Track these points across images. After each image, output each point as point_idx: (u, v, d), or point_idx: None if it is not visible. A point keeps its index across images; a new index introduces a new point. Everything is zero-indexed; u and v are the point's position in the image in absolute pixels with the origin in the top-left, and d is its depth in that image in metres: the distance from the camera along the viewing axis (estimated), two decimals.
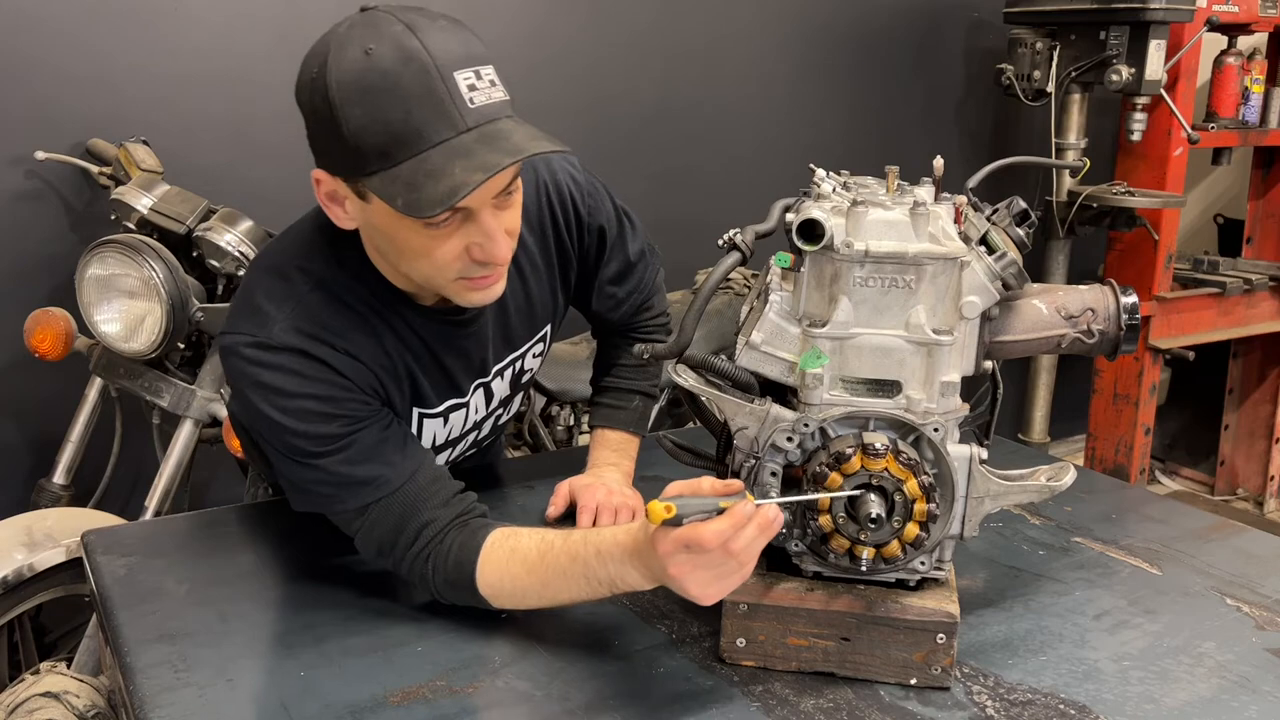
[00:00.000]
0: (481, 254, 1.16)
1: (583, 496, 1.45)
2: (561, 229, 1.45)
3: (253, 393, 1.21)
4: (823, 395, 1.08)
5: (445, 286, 1.21)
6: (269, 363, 1.20)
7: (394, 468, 1.23)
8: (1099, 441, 3.58)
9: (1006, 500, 1.13)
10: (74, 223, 2.35)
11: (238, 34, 2.45)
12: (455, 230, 1.15)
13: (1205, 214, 4.19)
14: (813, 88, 3.32)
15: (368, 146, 1.09)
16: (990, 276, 1.07)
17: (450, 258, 1.17)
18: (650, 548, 1.04)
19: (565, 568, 1.14)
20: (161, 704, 1.05)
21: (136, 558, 1.37)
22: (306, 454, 1.22)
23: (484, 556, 1.19)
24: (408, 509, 1.22)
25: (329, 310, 1.24)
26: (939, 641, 1.10)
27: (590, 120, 2.87)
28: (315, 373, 1.21)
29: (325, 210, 1.22)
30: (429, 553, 1.21)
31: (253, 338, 1.21)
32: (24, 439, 2.38)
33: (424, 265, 1.19)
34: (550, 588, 1.16)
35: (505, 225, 1.19)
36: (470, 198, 1.10)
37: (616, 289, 1.57)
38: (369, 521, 1.23)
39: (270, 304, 1.23)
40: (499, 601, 1.20)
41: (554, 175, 1.43)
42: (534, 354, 1.51)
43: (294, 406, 1.20)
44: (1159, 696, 1.10)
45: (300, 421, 1.20)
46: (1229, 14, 3.23)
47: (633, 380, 1.63)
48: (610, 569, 1.10)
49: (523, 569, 1.17)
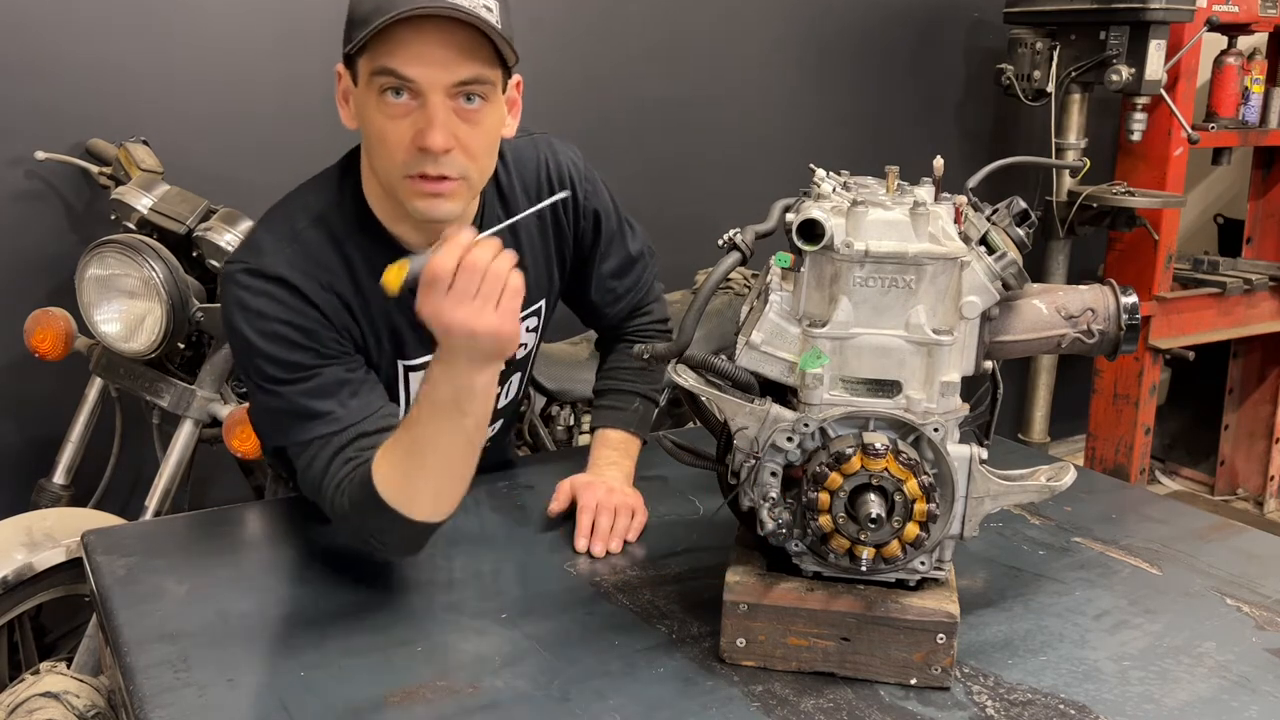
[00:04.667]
0: (421, 139, 1.22)
1: (583, 495, 1.46)
2: (558, 206, 1.51)
3: (237, 314, 1.29)
4: (823, 395, 1.08)
5: (398, 187, 1.27)
6: (256, 288, 1.28)
7: (346, 408, 1.29)
8: (1099, 441, 3.58)
9: (1006, 500, 1.13)
10: (74, 223, 2.35)
11: (238, 34, 2.45)
12: (406, 114, 1.23)
13: (1205, 214, 4.19)
14: (813, 88, 3.32)
15: (357, 16, 1.23)
16: (990, 276, 1.07)
17: (398, 142, 1.23)
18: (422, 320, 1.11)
19: (416, 415, 1.20)
20: (161, 704, 1.05)
21: (136, 558, 1.36)
22: (273, 380, 1.29)
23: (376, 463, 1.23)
24: (344, 445, 1.27)
25: (323, 250, 1.33)
26: (939, 641, 1.10)
27: (590, 120, 2.87)
28: (295, 303, 1.29)
29: (340, 111, 1.32)
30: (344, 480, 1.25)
31: (246, 264, 1.30)
32: (24, 439, 2.38)
33: (381, 155, 1.26)
34: (416, 441, 1.20)
35: (463, 138, 1.25)
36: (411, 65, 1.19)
37: (616, 283, 1.61)
38: (310, 456, 1.28)
39: (269, 237, 1.32)
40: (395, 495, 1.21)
41: (555, 156, 1.52)
42: (528, 328, 1.53)
43: (269, 330, 1.28)
44: (1159, 696, 1.10)
45: (272, 345, 1.28)
46: (1229, 14, 3.23)
47: (634, 383, 1.64)
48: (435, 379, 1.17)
49: (392, 446, 1.22)
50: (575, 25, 2.87)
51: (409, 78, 1.21)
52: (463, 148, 1.25)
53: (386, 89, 1.22)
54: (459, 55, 1.21)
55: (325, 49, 2.51)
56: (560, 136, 1.55)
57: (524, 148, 1.48)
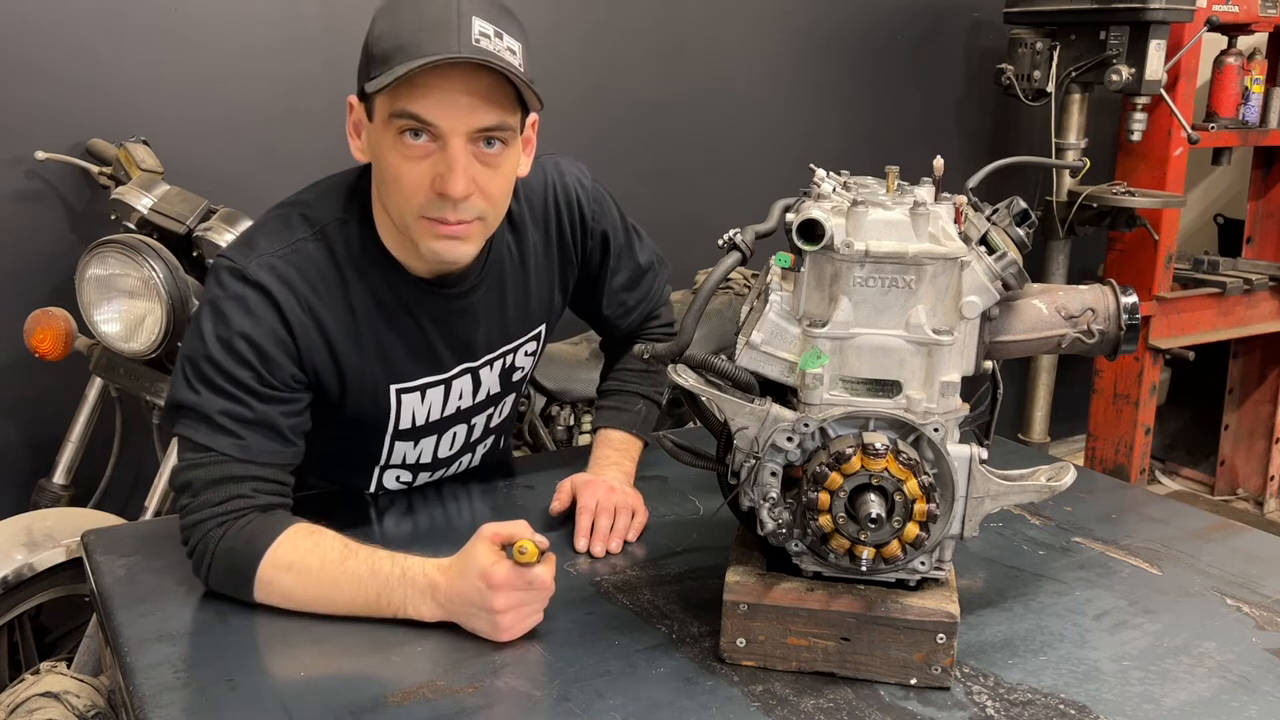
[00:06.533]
0: (441, 185, 1.21)
1: (583, 495, 1.46)
2: (565, 229, 1.49)
3: (205, 310, 1.27)
4: (823, 395, 1.08)
5: (412, 226, 1.26)
6: (233, 291, 1.26)
7: (259, 444, 1.27)
8: (1099, 441, 3.58)
9: (1006, 500, 1.13)
10: (74, 223, 2.35)
11: (238, 35, 2.45)
12: (425, 156, 1.21)
13: (1205, 214, 4.19)
14: (813, 88, 3.32)
15: (377, 53, 1.20)
16: (990, 276, 1.07)
17: (416, 184, 1.22)
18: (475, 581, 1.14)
19: (362, 578, 1.19)
20: (161, 704, 1.05)
21: (136, 558, 1.37)
22: (206, 382, 1.25)
23: (284, 538, 1.22)
24: (238, 476, 1.26)
25: (316, 265, 1.30)
26: (939, 641, 1.10)
27: (590, 120, 2.87)
28: (267, 320, 1.26)
29: (350, 143, 1.31)
30: (226, 518, 1.24)
31: (233, 264, 1.28)
32: (24, 439, 2.38)
33: (395, 194, 1.25)
34: (338, 590, 1.20)
35: (482, 183, 1.24)
36: (434, 110, 1.18)
37: (628, 296, 1.60)
38: (198, 460, 1.26)
39: (265, 240, 1.30)
40: (267, 591, 1.22)
41: (562, 178, 1.48)
42: (526, 352, 1.52)
43: (227, 339, 1.25)
44: (1159, 696, 1.10)
45: (223, 353, 1.25)
46: (1229, 14, 3.23)
47: (637, 384, 1.65)
48: (409, 594, 1.18)
49: (317, 561, 1.21)
50: (575, 26, 2.87)
51: (430, 122, 1.19)
52: (481, 192, 1.24)
53: (405, 130, 1.21)
54: (483, 102, 1.20)
55: (326, 50, 2.52)
56: (566, 154, 1.53)
57: (531, 171, 1.45)
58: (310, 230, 1.31)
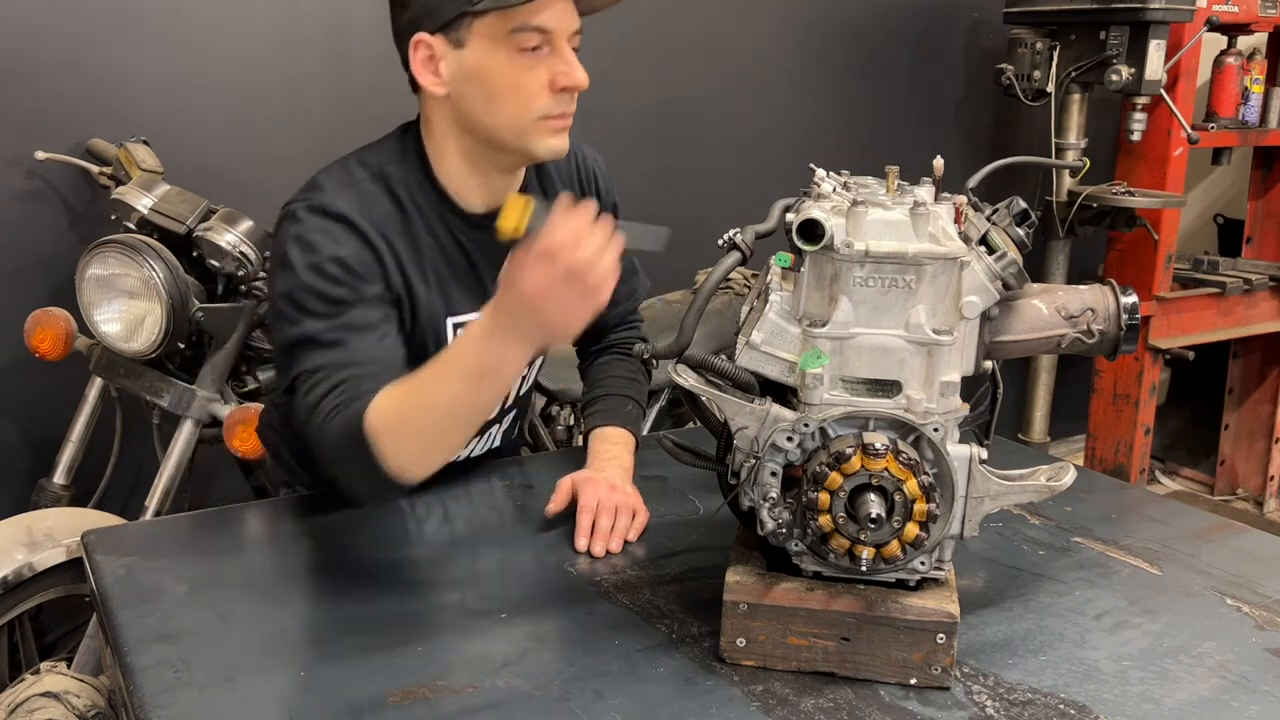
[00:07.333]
0: (567, 79, 1.34)
1: (584, 493, 1.46)
2: (589, 192, 1.61)
3: (291, 246, 1.34)
4: (823, 395, 1.08)
5: (528, 129, 1.36)
6: (315, 224, 1.34)
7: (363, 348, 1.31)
8: (1099, 441, 3.58)
9: (1006, 500, 1.13)
10: (74, 223, 2.35)
11: (238, 34, 2.45)
12: (541, 61, 1.33)
13: (1205, 214, 4.19)
14: (813, 88, 3.32)
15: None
16: (990, 276, 1.07)
17: (537, 88, 1.33)
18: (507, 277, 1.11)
19: (436, 371, 1.20)
20: (161, 704, 1.05)
21: (136, 558, 1.36)
22: (307, 311, 1.32)
23: (378, 397, 1.23)
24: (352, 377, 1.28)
25: (380, 201, 1.39)
26: (939, 641, 1.10)
27: (590, 120, 2.86)
28: (352, 242, 1.34)
29: (419, 78, 1.36)
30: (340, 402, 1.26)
31: (309, 201, 1.36)
32: (24, 439, 2.38)
33: (512, 104, 1.34)
34: (426, 394, 1.20)
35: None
36: (553, 18, 1.31)
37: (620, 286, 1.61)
38: (314, 382, 1.29)
39: (330, 183, 1.39)
40: (382, 438, 1.21)
41: (584, 152, 1.63)
42: None
43: (318, 263, 1.32)
44: (1159, 696, 1.10)
45: (317, 279, 1.32)
46: (1229, 14, 3.23)
47: (625, 390, 1.69)
48: (473, 343, 1.17)
49: (401, 389, 1.22)
50: None
51: (551, 29, 1.31)
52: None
53: (527, 45, 1.31)
54: (573, 6, 1.35)
55: (325, 49, 2.52)
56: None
57: None
58: (369, 173, 1.40)
